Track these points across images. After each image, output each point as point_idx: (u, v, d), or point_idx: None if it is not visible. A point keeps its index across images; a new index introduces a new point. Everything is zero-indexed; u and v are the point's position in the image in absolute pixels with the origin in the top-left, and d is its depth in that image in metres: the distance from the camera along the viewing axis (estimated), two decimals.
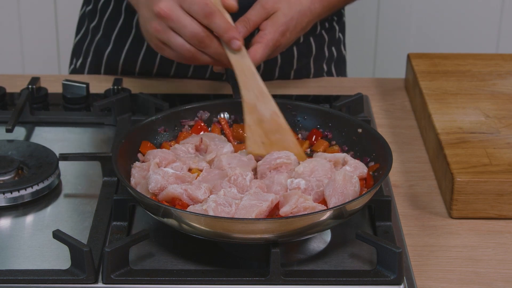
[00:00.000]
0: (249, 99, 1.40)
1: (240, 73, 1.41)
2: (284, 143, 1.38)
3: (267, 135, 1.39)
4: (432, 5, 2.70)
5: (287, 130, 1.39)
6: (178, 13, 1.38)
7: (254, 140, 1.39)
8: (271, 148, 1.38)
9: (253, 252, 1.26)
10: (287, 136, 1.39)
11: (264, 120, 1.39)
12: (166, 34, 1.40)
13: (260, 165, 1.34)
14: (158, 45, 1.43)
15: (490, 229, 1.36)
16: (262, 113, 1.39)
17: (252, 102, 1.40)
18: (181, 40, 1.40)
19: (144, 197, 1.23)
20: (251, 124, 1.39)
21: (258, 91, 1.40)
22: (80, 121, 1.60)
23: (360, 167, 1.34)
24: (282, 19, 1.53)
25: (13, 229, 1.32)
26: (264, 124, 1.39)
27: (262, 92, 1.40)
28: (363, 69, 2.81)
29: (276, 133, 1.39)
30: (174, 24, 1.38)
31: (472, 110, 1.57)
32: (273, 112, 1.39)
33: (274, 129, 1.39)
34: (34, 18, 2.76)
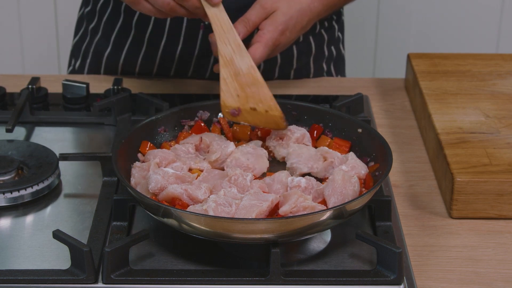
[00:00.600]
0: (225, 53, 1.41)
1: (217, 27, 1.41)
2: (259, 96, 1.41)
3: (242, 88, 1.41)
4: (432, 5, 2.70)
5: (263, 84, 1.41)
6: None
7: (230, 93, 1.41)
8: (246, 100, 1.41)
9: (253, 252, 1.26)
10: (263, 89, 1.41)
11: (240, 73, 1.41)
12: None
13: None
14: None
15: (490, 229, 1.36)
16: (239, 67, 1.41)
17: (229, 56, 1.41)
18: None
19: (144, 197, 1.23)
20: (226, 77, 1.41)
21: (235, 45, 1.41)
22: (80, 121, 1.60)
23: (359, 167, 1.34)
24: (281, 18, 1.53)
25: (13, 229, 1.32)
26: (240, 77, 1.41)
27: (239, 46, 1.42)
28: (363, 69, 2.81)
29: (252, 86, 1.41)
30: None
31: (472, 110, 1.57)
32: (250, 66, 1.42)
33: (250, 82, 1.41)
34: (34, 18, 2.76)
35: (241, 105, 1.41)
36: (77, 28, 1.91)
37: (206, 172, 1.34)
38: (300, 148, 1.39)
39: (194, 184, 1.29)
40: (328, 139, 1.44)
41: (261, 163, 1.36)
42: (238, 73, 1.41)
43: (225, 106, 1.41)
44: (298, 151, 1.38)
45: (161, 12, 1.43)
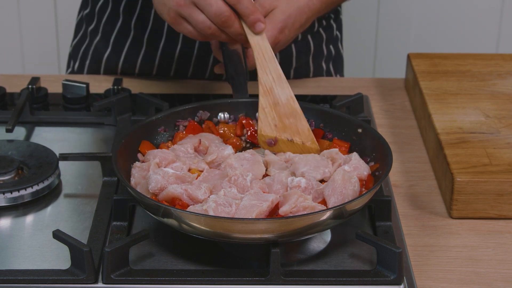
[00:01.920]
0: (265, 81, 1.42)
1: (259, 55, 1.42)
2: (297, 127, 1.41)
3: (280, 119, 1.41)
4: (432, 5, 2.70)
5: (301, 116, 1.42)
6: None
7: (267, 122, 1.41)
8: (283, 131, 1.41)
9: (253, 252, 1.26)
10: (301, 122, 1.41)
11: (279, 103, 1.42)
12: (188, 9, 1.39)
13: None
14: (176, 19, 1.42)
15: (490, 229, 1.36)
16: (278, 97, 1.42)
17: (269, 85, 1.42)
18: (203, 17, 1.39)
19: (144, 197, 1.23)
20: (265, 106, 1.42)
21: (276, 74, 1.42)
22: (80, 121, 1.60)
23: (361, 167, 1.34)
24: (280, 17, 1.53)
25: (13, 229, 1.32)
26: (279, 107, 1.42)
27: (279, 76, 1.42)
28: (363, 69, 2.81)
29: (290, 117, 1.41)
30: (199, 1, 1.38)
31: (472, 110, 1.57)
32: (290, 97, 1.42)
33: (289, 113, 1.41)
34: (34, 18, 2.76)
35: (278, 135, 1.41)
36: (76, 31, 1.91)
37: (206, 172, 1.34)
38: (305, 156, 1.38)
39: (194, 184, 1.29)
40: (327, 142, 1.43)
41: (256, 169, 1.35)
42: (277, 103, 1.42)
43: (261, 135, 1.42)
44: (304, 159, 1.37)
45: (202, 36, 1.43)
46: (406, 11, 2.71)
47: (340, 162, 1.36)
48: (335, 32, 1.90)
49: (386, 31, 2.75)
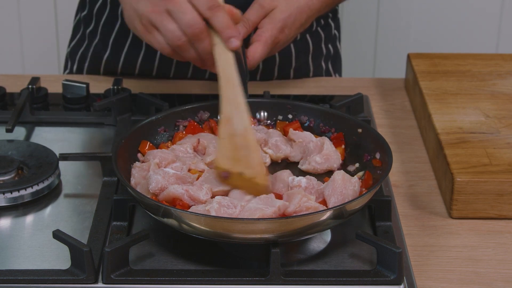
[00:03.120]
0: (226, 111, 1.34)
1: (224, 82, 1.34)
2: (249, 161, 1.32)
3: (235, 151, 1.33)
4: (432, 5, 2.70)
5: (255, 148, 1.32)
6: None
7: (224, 154, 1.33)
8: (236, 164, 1.32)
9: (253, 252, 1.26)
10: (253, 155, 1.32)
11: (236, 134, 1.32)
12: (160, 16, 1.34)
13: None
14: (147, 27, 1.37)
15: (490, 229, 1.36)
16: (235, 127, 1.33)
17: (229, 115, 1.33)
18: (175, 27, 1.34)
19: (144, 197, 1.23)
20: (224, 137, 1.33)
21: (236, 103, 1.33)
22: (80, 121, 1.60)
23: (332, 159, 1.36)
24: (280, 16, 1.53)
25: (13, 229, 1.32)
26: (235, 138, 1.33)
27: (239, 105, 1.33)
28: (363, 69, 2.81)
29: (243, 149, 1.32)
30: (173, 7, 1.33)
31: (472, 110, 1.57)
32: (245, 128, 1.32)
33: (243, 145, 1.32)
34: (34, 18, 2.76)
35: (231, 168, 1.32)
36: (74, 32, 1.90)
37: (207, 173, 1.33)
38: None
39: (195, 185, 1.29)
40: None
41: None
42: (234, 134, 1.33)
43: (217, 167, 1.33)
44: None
45: (170, 48, 1.37)
46: (406, 11, 2.71)
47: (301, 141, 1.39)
48: (333, 31, 1.90)
49: (386, 31, 2.75)
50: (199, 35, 1.34)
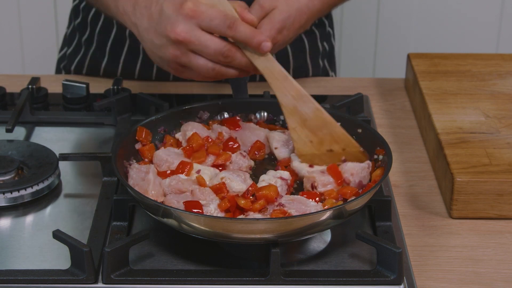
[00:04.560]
0: (286, 102, 1.36)
1: (271, 78, 1.36)
2: (333, 136, 1.37)
3: (314, 133, 1.37)
4: (432, 5, 2.70)
5: (334, 123, 1.37)
6: (198, 34, 1.32)
7: (302, 141, 1.37)
8: (320, 145, 1.37)
9: (253, 252, 1.26)
10: (335, 129, 1.37)
11: (307, 119, 1.36)
12: (186, 57, 1.34)
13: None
14: (178, 69, 1.37)
15: (490, 229, 1.36)
16: (304, 113, 1.36)
17: (291, 104, 1.36)
18: (203, 60, 1.34)
19: (144, 197, 1.23)
20: (295, 126, 1.37)
21: (294, 92, 1.36)
22: (80, 121, 1.60)
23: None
24: (279, 17, 1.53)
25: (13, 229, 1.32)
26: (308, 122, 1.36)
27: (298, 92, 1.36)
28: (363, 69, 2.81)
29: (323, 128, 1.36)
30: (195, 47, 1.32)
31: (472, 110, 1.57)
32: (316, 109, 1.36)
33: (321, 125, 1.36)
34: (34, 18, 2.76)
35: (316, 150, 1.36)
36: (69, 40, 1.89)
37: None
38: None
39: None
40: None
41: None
42: (305, 119, 1.36)
43: (301, 155, 1.37)
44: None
45: (208, 77, 1.37)
46: (406, 11, 2.71)
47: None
48: (328, 29, 1.90)
49: (386, 31, 2.75)
50: (230, 56, 1.34)
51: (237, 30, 1.32)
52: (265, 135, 1.44)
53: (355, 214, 1.27)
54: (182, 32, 1.31)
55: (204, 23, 1.31)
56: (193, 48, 1.33)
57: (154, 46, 1.37)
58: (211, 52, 1.32)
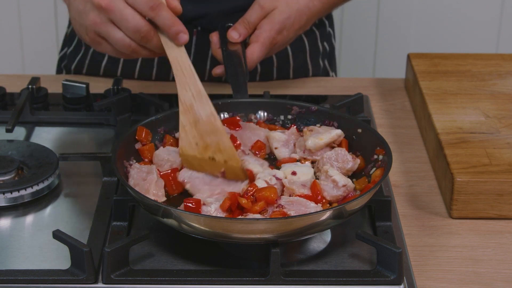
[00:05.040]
0: (185, 99, 1.33)
1: (178, 71, 1.33)
2: (219, 145, 1.33)
3: (202, 137, 1.33)
4: (432, 5, 2.70)
5: (223, 132, 1.33)
6: (121, 5, 1.31)
7: (188, 142, 1.33)
8: (204, 150, 1.33)
9: (253, 252, 1.26)
10: (224, 139, 1.33)
11: (199, 121, 1.33)
12: (105, 27, 1.33)
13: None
14: (95, 39, 1.36)
15: (490, 229, 1.36)
16: (199, 114, 1.33)
17: (189, 102, 1.33)
18: (121, 34, 1.33)
19: (144, 197, 1.23)
20: (186, 124, 1.33)
21: (195, 91, 1.33)
22: (80, 121, 1.60)
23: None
24: (279, 17, 1.53)
25: (13, 229, 1.32)
26: (199, 125, 1.33)
27: (199, 92, 1.34)
28: (363, 69, 2.81)
29: (212, 135, 1.33)
30: (115, 17, 1.31)
31: (472, 110, 1.57)
32: (210, 113, 1.33)
33: (210, 131, 1.33)
34: (34, 18, 2.76)
35: (199, 154, 1.33)
36: (69, 40, 1.89)
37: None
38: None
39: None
40: None
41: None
42: (197, 120, 1.33)
43: (183, 154, 1.34)
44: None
45: (123, 54, 1.37)
46: (406, 11, 2.72)
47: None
48: (328, 29, 1.90)
49: (386, 31, 2.75)
50: (147, 37, 1.33)
51: (158, 14, 1.31)
52: (265, 135, 1.43)
53: (355, 214, 1.27)
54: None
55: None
56: (113, 19, 1.32)
57: (77, 12, 1.37)
58: (130, 27, 1.31)
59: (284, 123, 1.48)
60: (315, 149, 1.38)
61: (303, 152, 1.40)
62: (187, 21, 1.74)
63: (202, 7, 1.71)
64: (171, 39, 1.33)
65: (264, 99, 1.54)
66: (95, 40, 1.37)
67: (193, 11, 1.72)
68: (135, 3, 1.31)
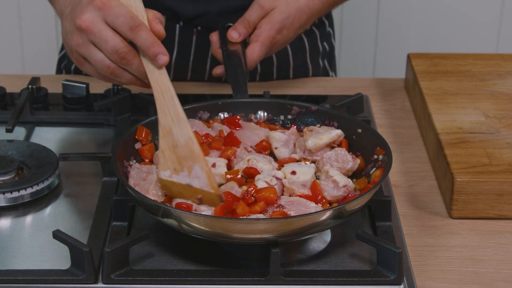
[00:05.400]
0: (164, 122, 1.30)
1: (158, 94, 1.30)
2: (196, 171, 1.29)
3: (180, 162, 1.30)
4: (432, 5, 2.70)
5: (200, 158, 1.29)
6: (100, 27, 1.29)
7: (167, 166, 1.30)
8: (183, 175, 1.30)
9: (253, 252, 1.26)
10: (200, 164, 1.28)
11: (178, 145, 1.30)
12: (86, 48, 1.32)
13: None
14: (79, 59, 1.36)
15: (490, 229, 1.36)
16: (177, 138, 1.30)
17: (168, 126, 1.30)
18: (101, 56, 1.32)
19: (144, 197, 1.23)
20: (165, 149, 1.30)
21: (174, 114, 1.30)
22: (80, 121, 1.60)
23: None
24: (278, 17, 1.53)
25: (13, 229, 1.32)
26: (178, 149, 1.30)
27: (178, 116, 1.30)
28: (363, 69, 2.81)
29: (189, 160, 1.29)
30: (95, 38, 1.31)
31: (472, 110, 1.57)
32: (188, 138, 1.29)
33: (188, 156, 1.29)
34: (34, 18, 2.76)
35: (177, 180, 1.30)
36: None
37: None
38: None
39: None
40: None
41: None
42: (176, 145, 1.30)
43: (162, 180, 1.31)
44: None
45: (105, 76, 1.36)
46: (406, 11, 2.72)
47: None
48: (328, 29, 1.90)
49: (386, 31, 2.75)
50: (127, 59, 1.31)
51: (137, 34, 1.29)
52: (265, 135, 1.43)
53: (355, 214, 1.27)
54: (86, 20, 1.30)
55: (109, 18, 1.30)
56: (93, 40, 1.31)
57: (65, 33, 1.37)
58: (108, 48, 1.30)
59: (284, 123, 1.48)
60: (315, 149, 1.38)
61: (303, 152, 1.40)
62: (187, 20, 1.74)
63: (202, 6, 1.72)
64: (151, 61, 1.30)
65: (264, 99, 1.54)
66: (78, 60, 1.36)
67: (193, 11, 1.72)
68: (115, 24, 1.30)
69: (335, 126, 1.44)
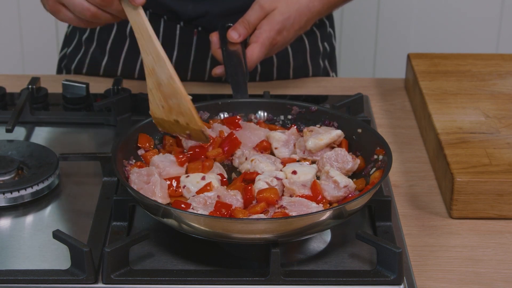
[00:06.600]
0: (147, 62, 1.34)
1: (138, 35, 1.33)
2: (180, 108, 1.34)
3: (165, 100, 1.34)
4: (432, 5, 2.70)
5: (183, 95, 1.32)
6: None
7: (156, 104, 1.35)
8: (169, 112, 1.35)
9: (253, 252, 1.26)
10: (183, 101, 1.33)
11: (162, 84, 1.33)
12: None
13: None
14: (55, 7, 1.36)
15: (490, 229, 1.36)
16: (160, 77, 1.33)
17: (151, 65, 1.33)
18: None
19: (144, 197, 1.23)
20: (151, 87, 1.35)
21: (154, 53, 1.32)
22: (80, 121, 1.60)
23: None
24: (278, 18, 1.53)
25: (13, 229, 1.32)
26: (162, 88, 1.34)
27: (158, 55, 1.32)
28: (363, 69, 2.81)
29: (173, 97, 1.33)
30: None
31: (472, 110, 1.57)
32: (169, 76, 1.32)
33: (171, 93, 1.33)
34: (34, 18, 2.76)
35: (165, 117, 1.35)
36: (70, 39, 1.89)
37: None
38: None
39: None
40: None
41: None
42: (160, 83, 1.33)
43: (154, 117, 1.36)
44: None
45: (83, 21, 1.36)
46: (406, 11, 2.72)
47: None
48: (328, 29, 1.90)
49: (386, 31, 2.75)
50: (106, 0, 1.33)
51: None
52: (265, 135, 1.43)
53: (355, 214, 1.27)
54: None
55: None
56: None
57: None
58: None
59: (284, 123, 1.48)
60: (315, 150, 1.38)
61: (303, 153, 1.40)
62: (187, 21, 1.74)
63: (203, 7, 1.72)
64: (128, 1, 1.32)
65: (264, 99, 1.54)
66: (54, 7, 1.36)
67: (193, 11, 1.72)
68: None
69: (335, 126, 1.44)
